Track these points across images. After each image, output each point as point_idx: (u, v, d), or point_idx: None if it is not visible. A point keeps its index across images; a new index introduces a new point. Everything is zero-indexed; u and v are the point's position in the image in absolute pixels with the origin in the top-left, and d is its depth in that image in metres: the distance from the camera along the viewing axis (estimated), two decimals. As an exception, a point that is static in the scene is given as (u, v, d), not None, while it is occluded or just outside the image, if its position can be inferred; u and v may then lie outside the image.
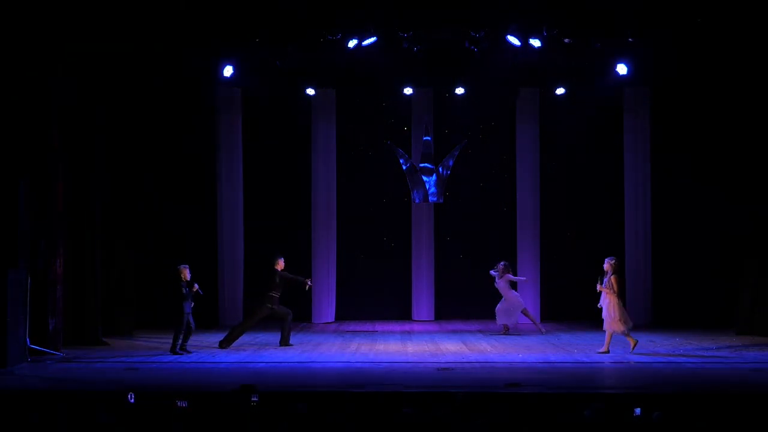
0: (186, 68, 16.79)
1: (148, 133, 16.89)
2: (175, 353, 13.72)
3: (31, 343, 13.11)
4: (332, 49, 16.75)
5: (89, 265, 15.23)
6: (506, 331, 16.70)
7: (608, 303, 13.64)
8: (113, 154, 15.81)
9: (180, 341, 13.85)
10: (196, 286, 13.99)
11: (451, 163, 18.38)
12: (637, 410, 8.00)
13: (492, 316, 19.47)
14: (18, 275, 12.91)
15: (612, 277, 13.67)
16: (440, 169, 18.29)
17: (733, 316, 16.55)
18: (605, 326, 13.71)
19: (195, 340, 15.61)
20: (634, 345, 13.60)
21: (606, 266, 13.83)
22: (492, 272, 16.97)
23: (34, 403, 8.89)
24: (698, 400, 9.78)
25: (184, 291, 13.88)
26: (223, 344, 14.57)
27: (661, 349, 14.17)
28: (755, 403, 9.68)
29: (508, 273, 16.85)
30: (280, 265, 15.12)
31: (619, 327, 13.57)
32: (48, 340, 13.65)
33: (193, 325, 13.97)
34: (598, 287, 13.75)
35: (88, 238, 15.27)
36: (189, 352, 13.87)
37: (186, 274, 14.00)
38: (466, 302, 19.07)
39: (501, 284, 16.77)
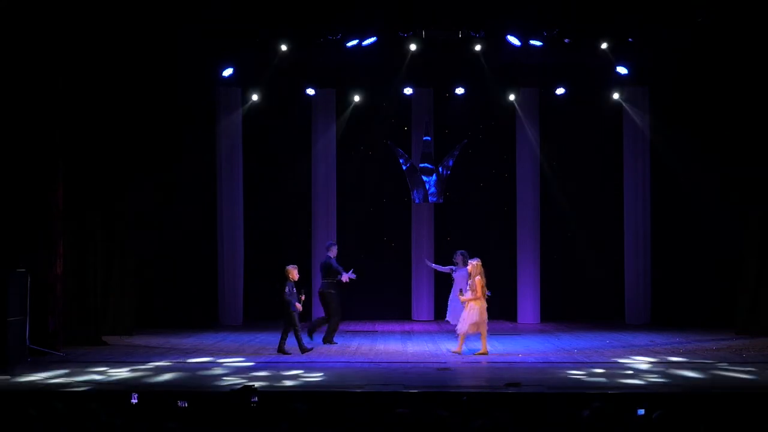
0: (186, 68, 16.79)
1: (148, 132, 16.88)
2: (283, 352, 13.60)
3: (31, 343, 13.10)
4: (332, 49, 16.78)
5: (89, 265, 15.22)
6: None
7: (471, 305, 13.47)
8: (113, 153, 15.79)
9: (293, 339, 13.76)
10: (303, 297, 13.95)
11: (451, 163, 18.39)
12: (640, 411, 8.00)
13: (492, 316, 19.50)
14: (18, 275, 12.90)
15: (476, 279, 13.48)
16: (440, 169, 18.31)
17: (733, 316, 16.54)
18: (464, 327, 13.49)
19: (195, 340, 15.65)
20: (484, 352, 13.49)
21: (469, 268, 13.68)
22: (453, 267, 16.19)
23: (34, 403, 8.88)
24: (698, 400, 9.80)
25: (293, 291, 13.81)
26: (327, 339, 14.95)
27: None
28: (755, 403, 9.69)
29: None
30: (333, 252, 15.26)
31: (481, 328, 13.49)
32: (48, 340, 13.64)
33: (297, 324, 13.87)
34: (460, 297, 13.66)
35: (88, 238, 15.25)
36: (288, 353, 13.67)
37: (294, 274, 13.93)
38: (466, 302, 19.05)
39: (463, 273, 15.55)
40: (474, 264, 13.64)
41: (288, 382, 10.87)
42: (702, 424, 7.50)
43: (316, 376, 11.42)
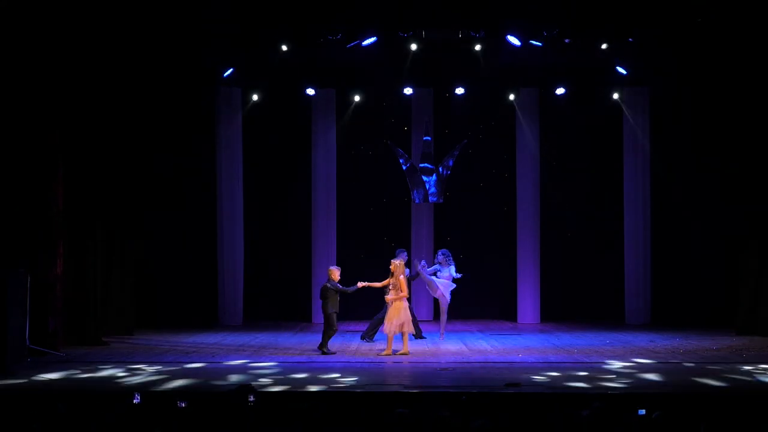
0: (186, 68, 16.78)
1: (148, 132, 16.87)
2: (327, 352, 13.62)
3: (31, 343, 13.10)
4: (332, 49, 16.78)
5: (89, 265, 15.22)
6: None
7: (397, 304, 13.51)
8: (113, 153, 15.79)
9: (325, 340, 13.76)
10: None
11: (451, 163, 18.38)
12: (641, 411, 8.00)
13: (492, 316, 19.53)
14: (18, 275, 12.90)
15: (400, 278, 13.51)
16: (440, 169, 18.29)
17: (733, 316, 16.54)
18: (392, 328, 13.51)
19: (195, 339, 15.64)
20: (406, 352, 13.49)
21: (392, 267, 13.70)
22: (430, 267, 15.85)
23: (34, 403, 8.89)
24: (698, 400, 9.80)
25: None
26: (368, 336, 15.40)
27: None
28: (755, 403, 9.69)
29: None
30: (402, 258, 15.16)
31: (404, 328, 13.52)
32: (48, 340, 13.64)
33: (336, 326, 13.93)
34: (386, 292, 13.74)
35: (88, 238, 15.25)
36: (332, 353, 13.68)
37: (336, 275, 13.96)
38: (466, 302, 19.01)
39: (446, 275, 15.73)
40: (397, 263, 13.71)
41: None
42: (702, 424, 7.50)
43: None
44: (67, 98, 14.29)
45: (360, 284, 14.07)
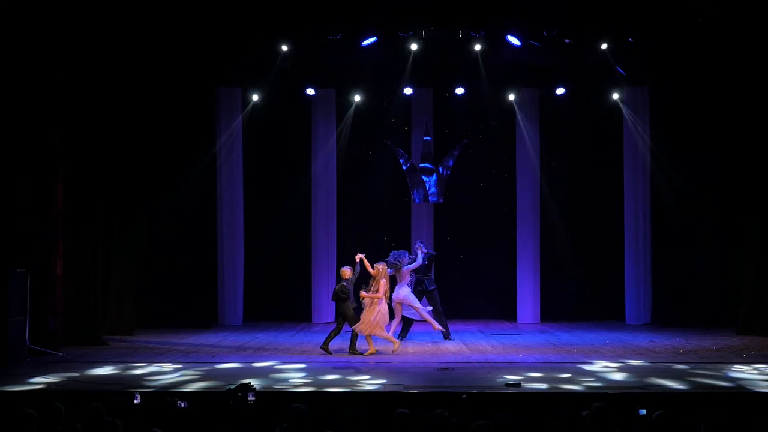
0: (187, 68, 16.78)
1: (148, 132, 16.87)
2: (357, 352, 13.72)
3: (31, 343, 13.11)
4: (332, 49, 16.78)
5: (89, 265, 15.22)
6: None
7: (372, 306, 13.62)
8: (112, 153, 15.80)
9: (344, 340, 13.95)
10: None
11: (451, 163, 18.38)
12: (642, 411, 7.99)
13: (492, 316, 19.52)
14: (18, 275, 12.90)
15: (381, 281, 13.69)
16: (440, 169, 18.30)
17: (733, 316, 16.55)
18: (364, 327, 13.61)
19: (196, 340, 15.63)
20: (372, 352, 13.66)
21: (373, 271, 13.84)
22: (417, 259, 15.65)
23: (34, 403, 8.87)
24: (699, 400, 9.80)
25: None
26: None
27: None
28: (756, 404, 9.69)
29: None
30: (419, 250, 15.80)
31: (380, 331, 13.68)
32: (48, 340, 13.65)
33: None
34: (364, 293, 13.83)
35: (88, 238, 15.26)
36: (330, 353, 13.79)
37: (348, 274, 14.08)
38: (466, 302, 19.07)
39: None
40: (380, 268, 13.90)
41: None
42: (702, 424, 7.50)
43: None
44: (67, 98, 14.29)
45: (358, 257, 14.12)
